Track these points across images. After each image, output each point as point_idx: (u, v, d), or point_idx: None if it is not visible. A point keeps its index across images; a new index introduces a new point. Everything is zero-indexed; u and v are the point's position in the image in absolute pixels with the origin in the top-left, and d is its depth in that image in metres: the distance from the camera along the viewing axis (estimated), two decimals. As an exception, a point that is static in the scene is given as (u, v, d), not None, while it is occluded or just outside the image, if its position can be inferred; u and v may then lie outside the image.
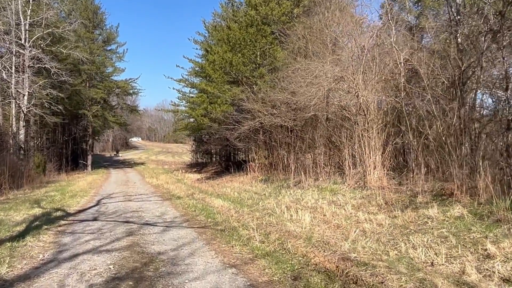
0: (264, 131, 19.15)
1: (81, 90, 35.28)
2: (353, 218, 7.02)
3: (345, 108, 10.99)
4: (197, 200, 13.14)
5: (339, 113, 11.82)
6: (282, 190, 12.25)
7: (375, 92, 9.67)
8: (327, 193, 9.74)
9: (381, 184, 9.02)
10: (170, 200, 13.80)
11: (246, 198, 12.20)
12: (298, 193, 10.79)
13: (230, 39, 19.29)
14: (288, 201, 9.83)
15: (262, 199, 11.50)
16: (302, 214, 7.86)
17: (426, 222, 6.01)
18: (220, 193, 15.09)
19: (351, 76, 9.56)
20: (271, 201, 10.53)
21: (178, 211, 11.22)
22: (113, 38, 40.56)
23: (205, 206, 11.49)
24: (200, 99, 23.27)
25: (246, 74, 18.57)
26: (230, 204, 11.24)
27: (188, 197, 14.15)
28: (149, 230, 8.23)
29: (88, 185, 21.40)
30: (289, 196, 10.54)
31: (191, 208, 11.39)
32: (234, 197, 13.21)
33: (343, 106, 10.86)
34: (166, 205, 12.61)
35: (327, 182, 11.08)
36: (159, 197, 15.12)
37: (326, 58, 11.40)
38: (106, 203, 13.23)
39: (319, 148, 12.20)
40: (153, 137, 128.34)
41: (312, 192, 10.34)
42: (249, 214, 9.09)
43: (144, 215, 10.47)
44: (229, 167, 25.42)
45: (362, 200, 8.30)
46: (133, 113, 45.60)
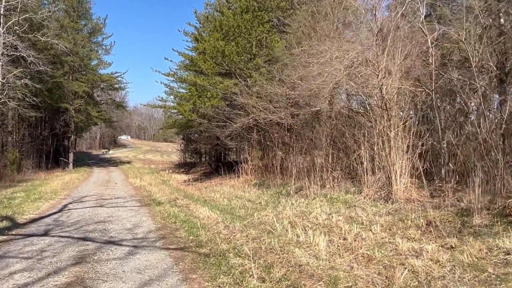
0: (259, 129, 17.14)
1: (63, 83, 32.89)
2: (388, 246, 5.03)
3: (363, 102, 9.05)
4: (180, 208, 11.09)
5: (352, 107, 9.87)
6: (281, 199, 10.25)
7: (401, 82, 7.72)
8: (340, 205, 7.76)
9: (410, 196, 7.05)
10: (148, 207, 11.72)
11: (238, 207, 10.18)
12: (302, 203, 8.80)
13: (223, 26, 17.26)
14: (291, 214, 7.83)
15: (257, 210, 9.48)
16: (314, 235, 5.85)
17: (508, 261, 4.05)
18: (207, 199, 13.04)
19: (375, 59, 7.62)
20: (269, 212, 8.52)
21: (155, 222, 9.15)
22: (99, 29, 38.20)
23: (188, 217, 9.44)
24: (189, 93, 21.20)
25: (240, 66, 16.55)
26: (219, 215, 9.21)
27: (170, 203, 12.08)
28: (110, 252, 6.16)
29: (63, 185, 19.17)
30: (291, 207, 8.54)
31: (171, 218, 9.34)
32: (224, 205, 11.17)
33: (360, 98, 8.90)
34: (142, 213, 10.54)
35: (336, 190, 9.11)
36: (137, 202, 13.02)
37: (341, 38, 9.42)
38: (71, 210, 11.09)
39: (325, 149, 10.22)
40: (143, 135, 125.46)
41: (320, 203, 8.35)
42: (242, 232, 7.05)
43: (112, 227, 8.37)
44: (219, 168, 23.35)
45: (391, 218, 6.32)
46: (120, 109, 43.21)
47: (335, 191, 9.12)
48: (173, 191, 16.59)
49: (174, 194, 14.97)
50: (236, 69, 16.72)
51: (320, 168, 10.25)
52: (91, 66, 36.51)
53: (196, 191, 16.38)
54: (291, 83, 14.24)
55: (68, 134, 38.59)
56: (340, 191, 8.83)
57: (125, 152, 71.67)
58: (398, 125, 7.59)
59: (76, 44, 33.88)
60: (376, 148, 7.99)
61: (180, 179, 24.71)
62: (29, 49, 24.13)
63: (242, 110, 16.48)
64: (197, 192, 15.73)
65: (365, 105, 9.34)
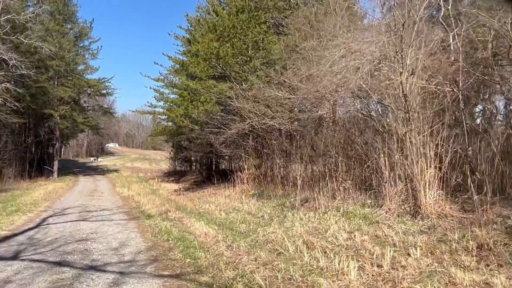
0: (255, 136, 16.13)
1: (48, 88, 31.46)
2: (440, 278, 4.01)
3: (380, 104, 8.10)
4: (173, 222, 9.98)
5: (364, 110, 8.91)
6: (286, 212, 9.22)
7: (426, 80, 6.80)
8: (360, 221, 6.75)
9: (442, 211, 6.08)
10: (137, 220, 10.59)
11: (238, 222, 9.10)
12: (313, 218, 7.78)
13: (217, 27, 16.28)
14: (302, 231, 6.79)
15: (260, 225, 8.42)
16: (339, 259, 4.81)
17: None
18: (202, 211, 11.92)
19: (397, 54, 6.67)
20: (276, 229, 7.47)
21: (144, 239, 8.04)
22: (86, 33, 36.91)
23: (182, 233, 8.34)
24: (180, 99, 20.12)
25: (235, 68, 15.55)
26: (218, 231, 8.12)
27: (161, 216, 10.97)
28: (90, 282, 5.04)
29: (45, 196, 17.85)
30: (300, 223, 7.51)
31: (163, 235, 8.24)
32: (221, 218, 10.08)
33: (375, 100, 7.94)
34: (130, 228, 9.41)
35: (350, 203, 8.11)
36: (125, 215, 11.87)
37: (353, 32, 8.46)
38: (50, 225, 9.88)
39: (334, 157, 9.23)
40: (131, 143, 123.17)
41: (334, 218, 7.34)
42: (249, 254, 5.98)
43: (94, 247, 7.23)
44: (211, 177, 22.26)
45: (427, 238, 5.32)
46: (107, 115, 41.77)
47: (348, 204, 8.11)
48: (163, 201, 15.44)
49: (165, 205, 13.83)
50: (231, 72, 15.72)
51: (330, 178, 9.24)
52: (77, 71, 35.16)
53: (189, 201, 15.24)
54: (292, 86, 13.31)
55: (53, 141, 37.04)
56: (355, 204, 7.82)
57: (113, 160, 69.96)
58: (424, 129, 6.63)
59: (61, 48, 32.54)
60: (398, 156, 7.02)
61: (170, 188, 23.53)
62: (11, 52, 22.80)
63: (237, 115, 15.47)
64: (190, 203, 14.59)
65: (383, 107, 8.39)
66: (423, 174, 6.33)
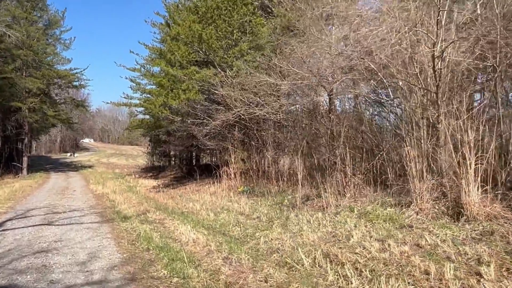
0: (242, 127, 14.78)
1: (15, 79, 29.07)
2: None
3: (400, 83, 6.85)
4: (153, 225, 8.54)
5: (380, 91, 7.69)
6: (286, 212, 7.92)
7: (463, 54, 5.58)
8: (387, 224, 5.51)
9: (492, 211, 4.87)
10: (112, 223, 9.07)
11: (231, 224, 7.75)
12: (323, 220, 6.51)
13: (199, 8, 14.74)
14: (315, 238, 5.53)
15: (258, 228, 7.09)
16: (381, 280, 3.50)
17: None
18: (186, 212, 10.51)
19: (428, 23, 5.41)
20: (280, 234, 6.19)
21: (120, 248, 6.58)
22: (57, 22, 34.44)
23: (165, 239, 6.93)
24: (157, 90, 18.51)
25: (220, 53, 14.09)
26: (208, 237, 6.75)
27: (140, 218, 9.52)
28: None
29: (10, 195, 16.00)
30: (309, 226, 6.24)
31: (143, 242, 6.80)
32: (210, 220, 8.71)
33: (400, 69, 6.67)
34: (103, 233, 7.90)
35: (365, 201, 6.86)
36: (97, 216, 10.30)
37: None
38: (7, 231, 8.25)
39: (340, 148, 7.97)
40: (107, 138, 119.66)
41: (350, 220, 6.08)
42: (255, 271, 4.62)
43: (56, 261, 5.73)
44: (192, 172, 20.81)
45: (489, 249, 4.08)
46: (80, 109, 39.35)
47: (363, 203, 6.86)
48: (141, 200, 13.94)
49: (143, 204, 12.34)
50: (216, 57, 14.28)
51: (334, 172, 7.99)
52: (46, 61, 32.75)
53: (169, 199, 13.78)
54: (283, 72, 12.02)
55: (21, 136, 34.56)
56: (373, 203, 6.57)
57: (88, 156, 67.30)
58: (461, 112, 5.40)
59: (29, 37, 30.14)
60: (428, 144, 5.78)
61: (148, 185, 21.92)
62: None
63: (222, 104, 14.09)
64: (171, 201, 13.14)
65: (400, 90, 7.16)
66: (464, 166, 5.11)
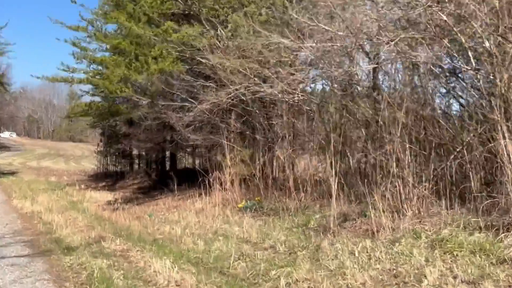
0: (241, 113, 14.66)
1: None
2: None
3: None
4: (112, 259, 8.41)
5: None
6: (316, 239, 7.78)
7: None
8: (479, 258, 5.40)
9: None
10: (49, 257, 8.93)
11: (231, 258, 7.59)
12: (375, 250, 6.38)
13: None
14: (367, 279, 5.44)
15: (273, 263, 6.98)
16: None
17: None
18: (161, 238, 10.43)
19: None
20: (310, 272, 6.09)
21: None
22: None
23: (133, 283, 6.75)
24: (115, 57, 18.33)
25: (208, 1, 13.96)
26: (198, 277, 6.64)
27: (91, 249, 9.39)
28: None
29: None
30: (354, 261, 6.13)
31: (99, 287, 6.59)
32: (198, 251, 8.62)
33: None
34: (36, 273, 7.70)
35: (437, 223, 6.71)
36: (26, 247, 10.14)
37: None
38: None
39: (396, 143, 7.81)
40: (36, 132, 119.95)
41: (418, 251, 5.93)
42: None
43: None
44: (165, 180, 20.62)
45: None
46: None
47: (433, 225, 6.69)
48: (91, 221, 13.84)
49: (95, 228, 12.22)
50: (202, 8, 14.16)
51: (385, 179, 7.84)
52: None
53: (134, 221, 13.65)
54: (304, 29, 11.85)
55: None
56: (449, 225, 6.40)
57: (8, 158, 67.07)
58: None
59: None
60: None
61: (100, 200, 21.86)
62: None
63: (213, 79, 13.99)
64: (137, 223, 13.02)
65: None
66: None
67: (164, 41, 14.19)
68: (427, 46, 9.08)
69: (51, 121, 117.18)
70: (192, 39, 13.79)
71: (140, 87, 15.64)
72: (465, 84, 8.08)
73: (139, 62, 14.45)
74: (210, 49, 13.53)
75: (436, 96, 8.86)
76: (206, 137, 14.47)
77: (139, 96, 15.47)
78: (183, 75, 14.13)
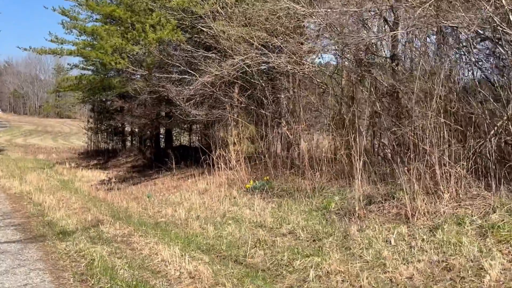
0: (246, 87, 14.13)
1: None
2: None
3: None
4: (113, 246, 7.87)
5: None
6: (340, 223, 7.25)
7: None
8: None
9: None
10: (42, 243, 8.40)
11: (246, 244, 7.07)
12: (415, 238, 5.87)
13: None
14: (414, 272, 4.97)
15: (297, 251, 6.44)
16: None
17: None
18: (163, 222, 9.95)
19: None
20: (343, 262, 5.52)
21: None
22: None
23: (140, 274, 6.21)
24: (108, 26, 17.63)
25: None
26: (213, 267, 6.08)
27: (89, 233, 8.86)
28: None
29: None
30: (394, 250, 5.60)
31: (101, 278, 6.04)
32: (208, 236, 8.11)
33: None
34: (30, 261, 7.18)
35: (481, 206, 6.16)
36: (17, 231, 9.62)
37: None
38: None
39: (431, 119, 7.24)
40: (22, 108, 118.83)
41: (466, 238, 5.42)
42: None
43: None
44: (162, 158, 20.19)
45: None
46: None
47: (476, 208, 6.15)
48: (86, 202, 13.33)
49: (90, 210, 11.71)
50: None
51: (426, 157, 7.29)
52: None
53: (132, 202, 13.21)
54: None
55: None
56: (499, 209, 5.85)
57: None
58: None
59: None
60: None
61: (93, 179, 21.44)
62: None
63: (216, 50, 13.44)
64: (135, 205, 12.57)
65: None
66: None
67: (163, 7, 13.61)
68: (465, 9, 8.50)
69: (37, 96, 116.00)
70: (193, 5, 13.23)
71: (136, 58, 15.02)
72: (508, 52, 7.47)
73: (136, 30, 13.84)
74: (212, 16, 12.97)
75: (472, 66, 8.23)
76: (208, 112, 13.91)
77: (135, 68, 14.86)
78: (184, 45, 13.54)
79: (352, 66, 11.77)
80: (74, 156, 35.87)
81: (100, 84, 22.98)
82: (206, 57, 13.53)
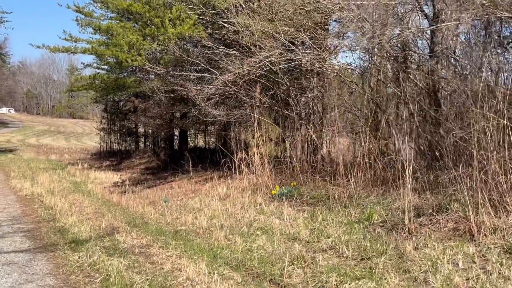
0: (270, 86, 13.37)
1: None
2: None
3: None
4: (130, 259, 7.16)
5: None
6: (388, 238, 6.40)
7: None
8: None
9: None
10: (53, 253, 7.69)
11: (282, 261, 6.22)
12: (490, 261, 5.01)
13: None
14: None
15: (344, 272, 5.59)
16: None
17: None
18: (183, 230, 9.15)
19: None
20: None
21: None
22: None
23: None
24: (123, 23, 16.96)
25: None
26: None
27: (103, 243, 8.18)
28: None
29: None
30: (468, 275, 4.74)
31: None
32: (236, 249, 7.27)
33: None
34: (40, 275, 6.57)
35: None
36: (26, 238, 8.95)
37: None
38: None
39: (481, 115, 6.40)
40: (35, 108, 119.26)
41: None
42: None
43: None
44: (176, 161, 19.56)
45: None
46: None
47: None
48: (100, 207, 12.72)
49: (105, 215, 11.05)
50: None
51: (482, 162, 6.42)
52: None
53: (148, 207, 12.51)
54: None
55: None
56: None
57: (6, 135, 66.83)
58: None
59: None
60: None
61: (106, 181, 20.85)
62: None
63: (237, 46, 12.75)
64: (152, 210, 11.85)
65: None
66: None
67: (183, 1, 12.91)
68: None
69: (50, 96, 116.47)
70: (214, 0, 12.56)
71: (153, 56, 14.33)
72: None
73: (154, 25, 13.15)
74: (235, 10, 12.25)
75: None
76: (229, 112, 13.17)
77: (152, 66, 14.15)
78: (206, 41, 12.80)
79: (388, 63, 10.95)
80: (87, 157, 35.52)
81: (114, 83, 22.45)
82: (227, 54, 12.85)
